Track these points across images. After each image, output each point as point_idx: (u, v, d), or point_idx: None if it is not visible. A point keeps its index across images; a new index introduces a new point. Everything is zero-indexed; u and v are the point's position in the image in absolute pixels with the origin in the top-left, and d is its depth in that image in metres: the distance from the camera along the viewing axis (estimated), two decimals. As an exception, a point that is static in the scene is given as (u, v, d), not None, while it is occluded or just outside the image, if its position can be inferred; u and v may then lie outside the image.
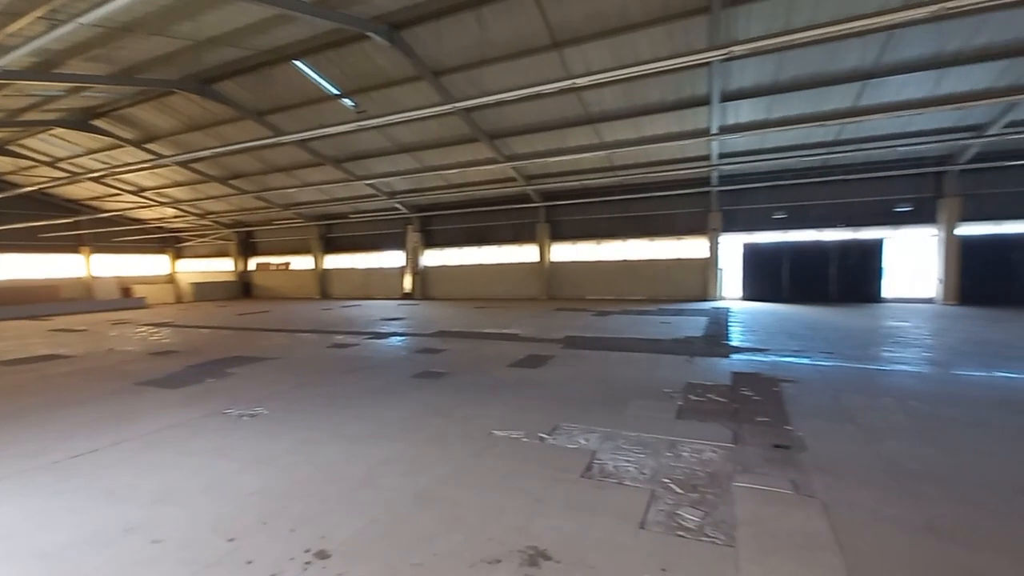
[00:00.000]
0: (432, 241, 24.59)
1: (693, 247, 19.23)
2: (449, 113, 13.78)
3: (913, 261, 16.62)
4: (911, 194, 16.10)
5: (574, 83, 7.54)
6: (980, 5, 5.46)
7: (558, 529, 3.15)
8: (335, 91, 13.50)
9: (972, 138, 13.60)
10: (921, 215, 16.06)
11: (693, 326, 12.16)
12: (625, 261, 20.53)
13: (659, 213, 19.62)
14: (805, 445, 4.46)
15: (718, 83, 11.80)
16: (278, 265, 30.26)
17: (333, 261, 27.96)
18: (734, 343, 9.76)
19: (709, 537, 3.03)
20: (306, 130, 12.74)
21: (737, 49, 6.49)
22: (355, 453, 4.50)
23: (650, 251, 20.14)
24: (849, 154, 15.19)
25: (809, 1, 9.01)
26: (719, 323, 12.58)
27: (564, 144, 15.84)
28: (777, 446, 4.47)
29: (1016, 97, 11.10)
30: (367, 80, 12.92)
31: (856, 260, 16.89)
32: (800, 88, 11.98)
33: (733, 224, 18.45)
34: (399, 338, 11.71)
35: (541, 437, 4.79)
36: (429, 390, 6.74)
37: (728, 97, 12.52)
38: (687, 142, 14.64)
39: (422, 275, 24.68)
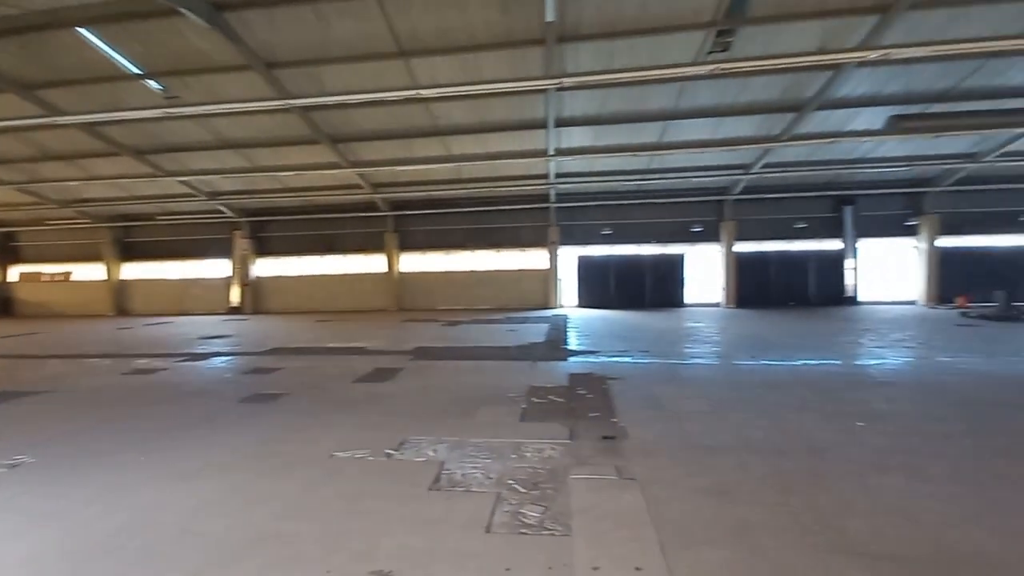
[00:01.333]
0: (266, 249, 22.23)
1: (536, 259, 20.60)
2: (284, 110, 12.70)
3: (705, 272, 20.13)
4: (702, 217, 19.53)
5: (419, 93, 7.61)
6: (742, 68, 6.95)
7: (406, 547, 3.09)
8: (136, 70, 11.44)
9: (741, 174, 17.08)
10: (710, 235, 19.57)
11: (536, 333, 13.01)
12: (474, 272, 21.10)
13: (505, 226, 20.62)
14: (628, 434, 5.08)
15: (553, 109, 12.92)
16: (54, 275, 24.30)
17: (135, 270, 23.45)
18: (571, 347, 10.69)
19: (548, 530, 3.27)
20: (95, 112, 10.65)
21: (567, 81, 7.24)
22: (166, 499, 3.83)
23: (497, 262, 21.03)
24: (657, 181, 17.91)
25: (625, 48, 10.41)
26: (559, 329, 13.66)
27: (413, 154, 15.74)
28: (605, 437, 5.02)
29: (768, 144, 14.33)
30: (181, 62, 11.22)
31: (665, 271, 19.92)
32: (620, 122, 13.76)
33: (569, 238, 20.25)
34: (223, 359, 10.32)
35: (388, 454, 4.66)
36: (261, 416, 6.07)
37: (562, 123, 13.79)
38: (528, 160, 15.73)
39: (254, 286, 22.11)
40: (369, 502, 3.70)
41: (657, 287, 19.88)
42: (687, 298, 19.90)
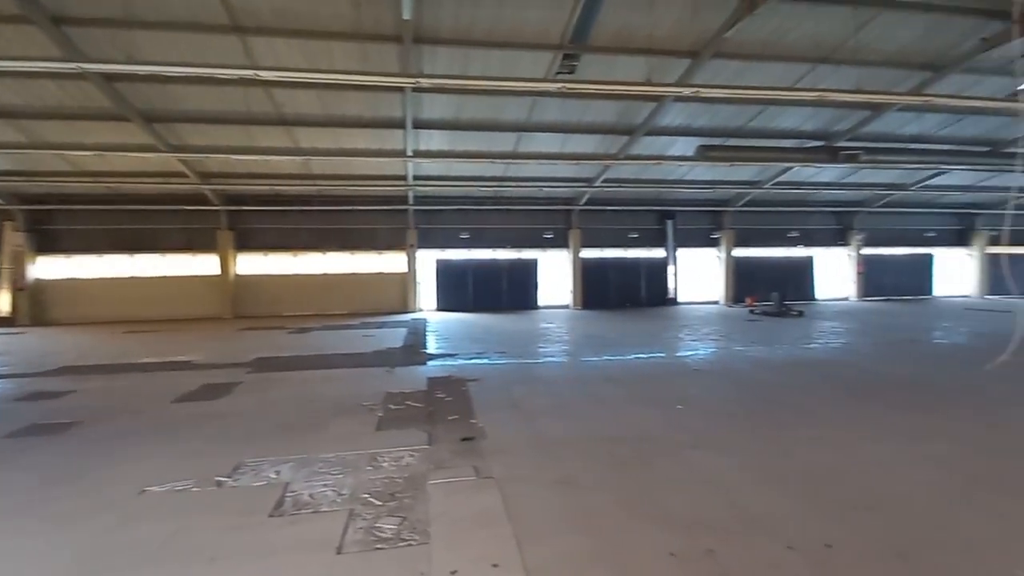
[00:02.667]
0: (53, 245, 17.92)
1: (393, 262, 19.99)
2: (78, 75, 10.41)
3: (556, 276, 21.59)
4: (553, 225, 20.94)
5: (258, 75, 6.90)
6: (584, 90, 7.63)
7: (240, 584, 2.74)
8: None
9: (585, 187, 18.74)
10: (559, 241, 21.06)
11: (394, 337, 12.62)
12: (325, 275, 19.69)
13: (361, 227, 19.62)
14: (485, 434, 5.20)
15: (411, 110, 12.69)
16: None
17: None
18: (430, 351, 10.60)
19: (405, 541, 3.18)
20: None
21: (424, 81, 7.18)
22: None
23: (353, 265, 19.93)
24: (513, 189, 18.72)
25: (480, 58, 10.68)
26: (417, 333, 13.44)
27: (253, 143, 14.11)
28: (464, 439, 5.07)
29: (607, 162, 15.93)
30: (-86, -1, 8.52)
31: (520, 275, 20.89)
32: (477, 129, 14.06)
33: (428, 241, 20.08)
34: (-18, 384, 8.07)
35: (219, 481, 4.09)
36: (43, 452, 4.88)
37: (420, 125, 13.61)
38: (385, 160, 15.21)
39: (32, 291, 17.66)
40: (193, 539, 3.21)
41: (513, 290, 20.76)
42: (540, 301, 21.13)
